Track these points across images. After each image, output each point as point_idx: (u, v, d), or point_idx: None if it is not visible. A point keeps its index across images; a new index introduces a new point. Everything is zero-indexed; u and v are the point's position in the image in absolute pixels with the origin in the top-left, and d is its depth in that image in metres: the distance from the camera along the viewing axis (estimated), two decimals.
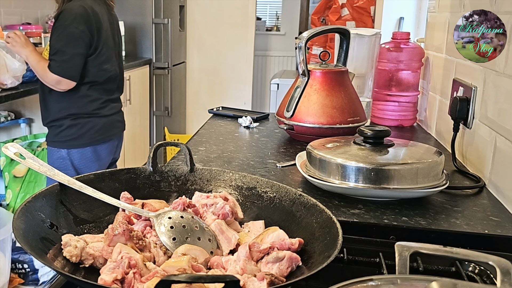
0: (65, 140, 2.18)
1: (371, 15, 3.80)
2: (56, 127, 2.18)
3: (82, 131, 2.18)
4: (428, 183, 0.97)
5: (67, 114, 2.15)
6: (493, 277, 0.71)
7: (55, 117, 2.17)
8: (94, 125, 2.20)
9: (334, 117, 1.40)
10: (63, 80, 2.06)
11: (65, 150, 2.18)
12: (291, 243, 0.68)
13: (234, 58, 4.77)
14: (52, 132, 2.20)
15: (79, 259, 0.65)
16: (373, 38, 1.68)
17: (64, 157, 2.19)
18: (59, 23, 2.05)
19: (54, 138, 2.19)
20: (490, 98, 1.15)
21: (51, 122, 2.19)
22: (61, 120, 2.16)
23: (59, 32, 2.05)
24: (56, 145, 2.19)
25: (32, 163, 0.77)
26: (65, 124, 2.16)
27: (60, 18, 2.05)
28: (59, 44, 2.05)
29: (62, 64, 2.04)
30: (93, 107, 2.19)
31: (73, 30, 2.04)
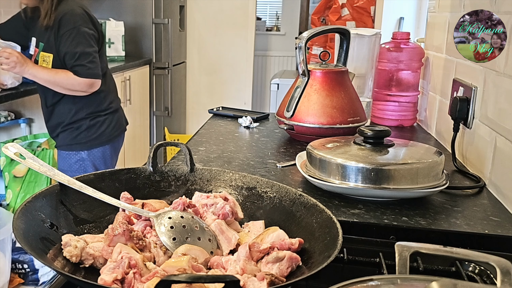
0: (86, 141, 2.14)
1: (371, 15, 3.80)
2: (73, 129, 2.13)
3: (102, 129, 2.17)
4: (428, 183, 0.97)
5: (85, 115, 2.13)
6: (493, 277, 0.71)
7: (72, 120, 2.12)
8: (111, 121, 2.21)
9: (334, 117, 1.40)
10: (95, 82, 2.04)
11: (86, 151, 2.15)
12: (291, 243, 0.68)
13: (234, 58, 4.77)
14: (68, 135, 2.15)
15: (79, 259, 0.65)
16: (373, 38, 1.68)
17: (85, 158, 2.16)
18: (67, 27, 1.99)
19: (72, 141, 2.14)
20: (490, 98, 1.15)
21: (66, 126, 2.13)
22: (79, 122, 2.12)
23: (72, 36, 1.99)
24: (75, 148, 2.15)
25: (32, 163, 0.77)
26: (85, 125, 2.13)
27: (66, 23, 1.99)
28: (79, 48, 2.00)
29: (91, 66, 2.02)
30: (107, 102, 2.19)
31: (85, 30, 2.01)
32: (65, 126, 2.14)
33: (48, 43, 2.04)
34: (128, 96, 3.54)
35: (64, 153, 2.18)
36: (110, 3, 3.97)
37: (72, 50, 2.00)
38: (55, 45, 2.02)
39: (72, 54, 2.00)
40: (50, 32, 2.02)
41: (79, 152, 2.16)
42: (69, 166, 2.17)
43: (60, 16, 1.99)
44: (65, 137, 2.16)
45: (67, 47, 2.00)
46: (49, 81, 2.03)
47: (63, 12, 2.00)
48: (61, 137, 2.17)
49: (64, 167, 2.19)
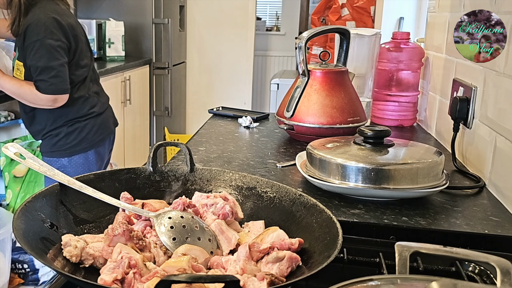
0: (66, 148, 2.09)
1: (371, 15, 3.80)
2: (52, 136, 2.08)
3: (82, 136, 2.11)
4: (428, 183, 0.97)
5: (63, 122, 2.05)
6: (493, 277, 0.71)
7: (51, 128, 2.07)
8: (93, 126, 2.13)
9: (334, 117, 1.40)
10: (59, 97, 1.96)
11: (66, 158, 2.10)
12: (291, 243, 0.68)
13: (234, 58, 4.77)
14: (48, 142, 2.10)
15: (79, 259, 0.65)
16: (373, 38, 1.68)
17: (66, 165, 2.11)
18: (31, 39, 1.88)
19: (51, 148, 2.10)
20: (490, 98, 1.15)
21: (46, 134, 2.08)
22: (57, 129, 2.07)
23: (35, 49, 1.89)
24: (55, 155, 2.10)
25: (32, 163, 0.77)
26: (63, 132, 2.07)
27: (30, 34, 1.88)
28: (41, 62, 1.90)
29: (53, 81, 1.92)
30: (86, 107, 2.10)
31: (49, 42, 1.90)
32: (46, 134, 2.09)
33: (19, 52, 1.97)
34: (128, 96, 3.54)
35: (46, 159, 2.12)
36: (110, 3, 3.97)
37: (34, 64, 1.91)
38: (23, 54, 1.95)
39: (35, 68, 1.92)
40: (19, 41, 1.95)
41: (60, 159, 2.11)
42: None
43: (26, 26, 1.90)
44: (46, 144, 2.12)
45: (30, 60, 1.92)
46: (14, 93, 1.99)
47: (28, 23, 1.90)
48: (43, 143, 2.13)
49: None
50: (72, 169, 2.12)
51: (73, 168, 2.12)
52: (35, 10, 1.92)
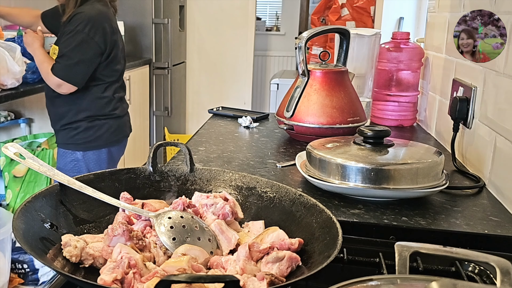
0: (82, 142, 2.16)
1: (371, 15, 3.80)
2: (71, 129, 2.15)
3: (99, 133, 2.17)
4: (428, 183, 0.97)
5: (84, 117, 2.13)
6: (493, 277, 0.71)
7: (71, 120, 2.13)
8: (110, 127, 2.20)
9: (334, 117, 1.40)
10: (64, 84, 2.03)
11: (81, 152, 2.16)
12: (291, 243, 0.68)
13: (234, 58, 4.77)
14: (66, 134, 2.16)
15: (79, 259, 0.65)
16: (373, 38, 1.68)
17: (79, 159, 2.17)
18: (69, 27, 2.01)
19: (68, 140, 2.16)
20: (490, 98, 1.15)
21: (65, 125, 2.15)
22: (77, 122, 2.13)
23: (68, 36, 2.01)
24: (71, 147, 2.17)
25: (32, 163, 0.77)
26: (82, 127, 2.14)
27: (72, 22, 2.01)
28: (66, 49, 2.02)
29: (66, 69, 2.01)
30: (109, 108, 2.18)
31: (83, 36, 2.00)
32: (65, 125, 2.15)
33: (58, 37, 2.11)
34: (128, 96, 3.53)
35: (61, 151, 2.20)
36: None
37: (61, 48, 2.03)
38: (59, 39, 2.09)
39: (60, 51, 2.04)
40: (62, 27, 2.08)
41: (75, 152, 2.17)
42: (65, 164, 2.19)
43: (74, 14, 2.02)
44: (63, 135, 2.18)
45: (61, 44, 2.05)
46: (38, 66, 2.12)
47: (78, 11, 2.02)
48: (61, 134, 2.19)
49: (60, 164, 2.21)
50: (84, 164, 2.18)
51: (85, 163, 2.18)
52: (86, 5, 2.05)
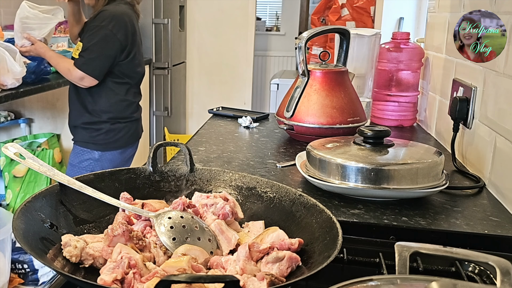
0: (102, 143, 2.21)
1: (371, 15, 3.80)
2: (93, 130, 2.20)
3: (119, 136, 2.24)
4: (428, 183, 0.97)
5: (107, 118, 2.20)
6: (493, 277, 0.71)
7: (95, 120, 2.19)
8: (129, 130, 2.28)
9: (334, 117, 1.40)
10: (87, 77, 2.10)
11: (99, 152, 2.22)
12: (291, 243, 0.68)
13: (234, 58, 4.76)
14: (87, 133, 2.21)
15: (79, 259, 0.65)
16: (373, 38, 1.68)
17: (96, 159, 2.22)
18: (94, 23, 2.10)
19: (89, 139, 2.21)
20: (490, 98, 1.15)
21: (88, 124, 2.20)
22: (100, 123, 2.20)
23: (92, 31, 2.09)
24: (90, 146, 2.22)
25: (32, 163, 0.77)
26: (105, 128, 2.20)
27: (97, 19, 2.10)
28: (90, 43, 2.09)
29: (88, 62, 2.08)
30: (129, 111, 2.27)
31: (106, 32, 2.08)
32: (87, 124, 2.20)
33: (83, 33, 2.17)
34: None
35: (79, 148, 2.24)
36: None
37: (84, 42, 2.10)
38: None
39: (83, 46, 2.10)
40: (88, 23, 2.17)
41: (93, 151, 2.22)
42: (79, 162, 2.23)
43: (100, 11, 2.11)
44: (84, 134, 2.23)
45: (84, 38, 2.11)
46: (55, 65, 2.17)
47: (104, 9, 2.11)
48: (81, 133, 2.23)
49: (75, 161, 2.25)
50: (99, 164, 2.23)
51: (101, 163, 2.24)
52: (112, 4, 2.16)
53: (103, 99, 2.19)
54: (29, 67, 2.52)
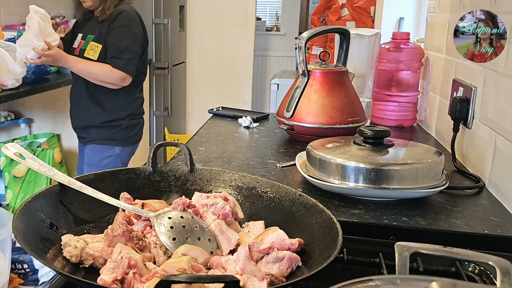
0: (122, 138, 2.28)
1: (371, 15, 3.80)
2: (113, 127, 2.26)
3: (135, 131, 2.34)
4: (428, 183, 0.97)
5: (126, 115, 2.27)
6: (493, 277, 0.71)
7: (114, 118, 2.25)
8: (142, 125, 2.40)
9: (334, 117, 1.40)
10: (127, 78, 2.15)
11: (120, 147, 2.29)
12: (291, 243, 0.68)
13: (234, 58, 4.76)
14: (107, 131, 2.26)
15: (79, 259, 0.65)
16: (373, 38, 1.68)
17: (117, 154, 2.29)
18: (120, 23, 2.14)
19: (109, 136, 2.27)
20: (490, 98, 1.15)
21: (106, 123, 2.25)
22: (120, 120, 2.26)
23: (123, 32, 2.14)
24: (110, 143, 2.28)
25: (32, 163, 0.77)
26: (124, 124, 2.27)
27: (120, 19, 2.14)
28: (124, 43, 2.13)
29: (129, 62, 2.13)
30: (141, 108, 2.37)
31: (135, 30, 2.16)
32: (106, 122, 2.25)
33: (100, 35, 2.17)
34: None
35: (97, 147, 2.29)
36: None
37: (117, 44, 2.13)
38: (105, 36, 2.16)
39: (117, 47, 2.13)
40: (105, 25, 2.16)
41: (114, 147, 2.29)
42: (100, 160, 2.29)
43: (119, 12, 2.15)
44: (103, 132, 2.27)
45: (115, 40, 2.14)
46: (84, 71, 2.15)
47: (122, 10, 2.16)
48: (99, 132, 2.27)
49: (94, 161, 2.30)
50: (120, 159, 2.32)
51: (121, 158, 2.33)
52: (124, 5, 2.22)
53: (120, 97, 2.24)
54: (29, 67, 2.52)
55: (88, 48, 2.18)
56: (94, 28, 2.21)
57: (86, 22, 2.29)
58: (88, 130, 2.29)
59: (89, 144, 2.31)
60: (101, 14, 2.18)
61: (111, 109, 2.25)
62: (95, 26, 2.21)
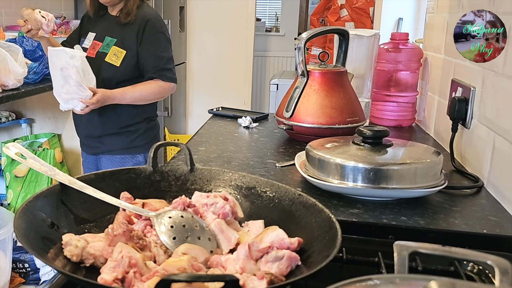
0: (144, 143, 2.08)
1: (370, 16, 3.80)
2: (130, 132, 2.05)
3: (154, 133, 2.15)
4: (427, 183, 0.98)
5: (144, 118, 2.08)
6: (492, 277, 0.71)
7: (130, 123, 2.04)
8: (159, 127, 2.22)
9: (333, 117, 1.40)
10: (174, 85, 2.03)
11: (143, 154, 2.08)
12: (290, 243, 0.68)
13: (233, 59, 4.77)
14: (126, 138, 2.05)
15: (79, 259, 0.65)
16: (372, 38, 1.69)
17: (141, 162, 2.08)
18: (154, 31, 1.97)
19: (128, 144, 2.06)
20: (489, 99, 1.15)
21: (125, 128, 2.03)
22: (137, 124, 2.06)
23: (159, 40, 1.98)
24: (131, 151, 2.07)
25: (33, 163, 0.77)
26: (142, 128, 2.07)
27: (153, 26, 1.97)
28: (165, 53, 1.99)
29: (173, 70, 2.02)
30: (156, 108, 2.19)
31: (167, 36, 2.03)
32: (123, 128, 2.04)
33: (124, 40, 1.97)
34: None
35: (117, 158, 2.07)
36: None
37: (159, 54, 1.97)
38: (135, 44, 1.96)
39: (159, 57, 1.96)
40: (129, 30, 1.96)
41: (136, 155, 2.08)
42: None
43: (147, 18, 1.96)
44: (121, 141, 2.06)
45: (154, 49, 1.96)
46: (134, 100, 1.97)
47: (150, 15, 1.98)
48: (118, 140, 2.05)
49: None
50: None
51: None
52: (146, 7, 2.04)
53: None
54: (30, 68, 2.52)
55: (110, 53, 1.96)
56: (113, 30, 1.98)
57: (99, 20, 2.05)
58: (102, 139, 2.05)
59: (105, 155, 2.07)
60: (124, 16, 1.96)
61: (128, 113, 2.02)
62: (113, 27, 1.98)
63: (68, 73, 1.76)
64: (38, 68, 2.57)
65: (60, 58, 1.77)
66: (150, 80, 1.97)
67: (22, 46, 2.57)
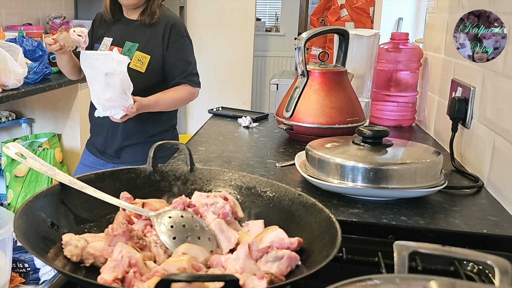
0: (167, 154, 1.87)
1: (370, 15, 3.80)
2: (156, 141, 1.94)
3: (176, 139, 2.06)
4: (427, 183, 0.98)
5: (169, 126, 2.01)
6: (492, 277, 0.71)
7: (156, 131, 1.95)
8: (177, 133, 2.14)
9: (333, 117, 1.40)
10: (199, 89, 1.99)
11: None
12: (290, 242, 0.68)
13: (233, 59, 4.77)
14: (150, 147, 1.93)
15: (79, 259, 0.65)
16: (372, 38, 1.69)
17: None
18: (180, 35, 1.91)
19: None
20: (489, 98, 1.15)
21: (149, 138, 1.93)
22: (163, 133, 1.97)
23: (185, 45, 1.93)
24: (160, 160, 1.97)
25: (33, 163, 0.77)
26: (169, 137, 1.99)
27: (179, 30, 1.91)
28: (192, 57, 1.95)
29: (198, 75, 1.97)
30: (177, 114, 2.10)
31: (190, 39, 1.98)
32: (151, 137, 1.93)
33: (147, 44, 1.88)
34: None
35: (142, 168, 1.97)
36: None
37: (186, 59, 1.92)
38: (160, 48, 1.88)
39: (186, 63, 1.91)
40: (153, 33, 1.89)
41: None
42: None
43: (172, 22, 1.91)
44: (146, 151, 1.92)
45: (181, 54, 1.92)
46: (167, 106, 1.90)
47: (173, 19, 1.93)
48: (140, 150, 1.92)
49: None
50: None
51: None
52: (166, 9, 1.97)
53: None
54: (30, 68, 2.52)
55: (134, 59, 1.85)
56: (134, 34, 1.89)
57: (114, 24, 1.94)
58: (127, 149, 1.94)
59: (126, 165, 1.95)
60: (148, 18, 1.88)
61: (155, 121, 1.92)
62: (133, 31, 1.89)
63: (113, 79, 1.64)
64: (38, 68, 2.57)
65: (106, 63, 1.65)
66: (179, 86, 1.89)
67: (22, 46, 2.57)
